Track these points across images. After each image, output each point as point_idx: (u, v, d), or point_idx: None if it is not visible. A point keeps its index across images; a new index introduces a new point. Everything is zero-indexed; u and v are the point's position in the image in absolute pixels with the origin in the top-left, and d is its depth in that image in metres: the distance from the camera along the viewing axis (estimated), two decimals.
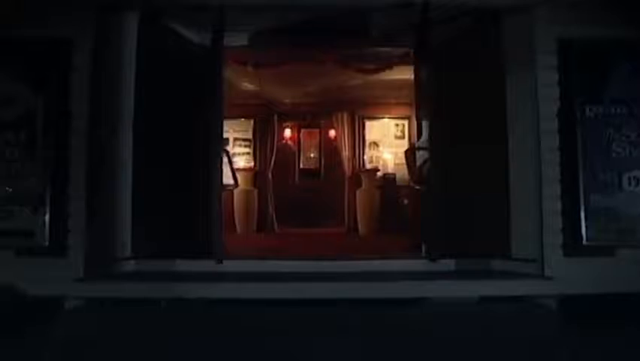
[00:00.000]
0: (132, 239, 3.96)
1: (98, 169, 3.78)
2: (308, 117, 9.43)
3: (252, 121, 9.18)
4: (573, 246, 3.67)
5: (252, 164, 9.10)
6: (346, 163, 9.00)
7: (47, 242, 3.60)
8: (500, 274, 3.86)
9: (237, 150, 9.09)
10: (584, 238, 3.68)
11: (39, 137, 3.68)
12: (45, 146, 3.67)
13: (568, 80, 3.77)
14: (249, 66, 6.06)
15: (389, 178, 8.76)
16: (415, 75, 4.53)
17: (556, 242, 3.67)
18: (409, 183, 5.65)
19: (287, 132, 9.39)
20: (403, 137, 9.14)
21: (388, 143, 9.21)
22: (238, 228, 8.15)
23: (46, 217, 3.61)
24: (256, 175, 8.78)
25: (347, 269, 4.01)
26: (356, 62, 6.11)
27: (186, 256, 4.01)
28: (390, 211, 7.98)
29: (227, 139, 8.34)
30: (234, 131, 9.07)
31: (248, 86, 7.57)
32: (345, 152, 9.02)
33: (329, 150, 9.38)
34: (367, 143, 9.22)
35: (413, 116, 5.74)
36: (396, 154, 8.86)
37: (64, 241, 3.59)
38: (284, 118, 9.21)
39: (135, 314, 3.37)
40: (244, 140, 9.18)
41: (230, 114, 6.50)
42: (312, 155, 9.52)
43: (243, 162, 9.02)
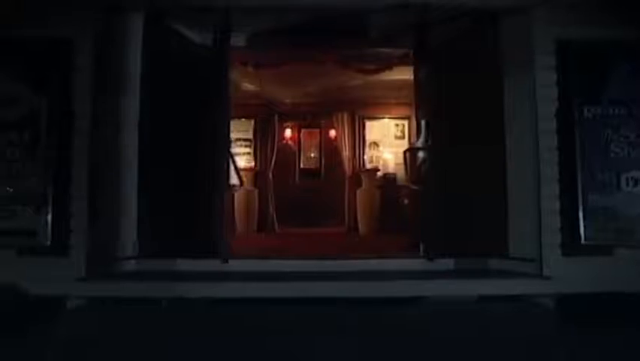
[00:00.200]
0: (138, 238, 3.99)
1: (101, 169, 3.81)
2: (308, 117, 9.44)
3: (253, 121, 9.18)
4: (571, 245, 3.69)
5: (253, 164, 9.11)
6: (346, 163, 9.01)
7: (49, 242, 3.62)
8: (499, 273, 3.88)
9: (238, 150, 9.08)
10: (582, 238, 3.70)
11: (42, 137, 3.70)
12: (48, 146, 3.70)
13: (566, 81, 3.79)
14: (250, 66, 6.07)
15: (389, 178, 8.77)
16: (415, 76, 4.54)
17: (554, 242, 3.69)
18: (405, 182, 5.69)
19: (287, 132, 9.41)
20: (403, 137, 9.15)
21: (388, 143, 9.23)
22: (239, 228, 8.16)
23: (48, 217, 3.63)
24: (257, 175, 8.80)
25: (348, 268, 4.04)
26: (356, 63, 6.12)
27: (189, 256, 4.03)
28: (390, 211, 7.99)
29: (231, 139, 8.34)
30: (235, 131, 9.05)
31: (248, 87, 7.58)
32: (345, 152, 9.03)
33: (329, 150, 9.39)
34: (367, 143, 9.24)
35: (413, 116, 5.74)
36: (396, 154, 8.87)
37: (66, 241, 3.62)
38: (284, 118, 9.21)
39: (137, 314, 3.40)
40: (244, 140, 9.19)
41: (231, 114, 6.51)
42: (313, 155, 9.53)
43: (244, 162, 9.02)
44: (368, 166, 9.05)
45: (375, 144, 9.27)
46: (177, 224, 4.15)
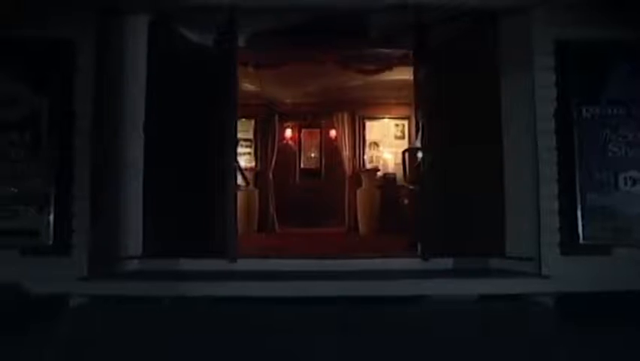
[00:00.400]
0: (143, 238, 4.02)
1: (103, 169, 3.83)
2: (308, 117, 9.46)
3: (253, 121, 9.21)
4: (570, 245, 3.71)
5: (253, 164, 9.13)
6: (347, 163, 9.03)
7: (52, 241, 3.65)
8: (498, 272, 3.90)
9: (239, 150, 9.09)
10: (581, 237, 3.72)
11: (43, 137, 3.72)
12: (49, 146, 3.72)
13: (565, 81, 3.81)
14: (250, 67, 6.09)
15: (389, 178, 8.79)
16: (414, 76, 4.55)
17: (553, 241, 3.71)
18: (403, 182, 5.68)
19: (288, 132, 9.43)
20: (403, 137, 9.17)
21: (388, 143, 9.25)
22: (239, 227, 8.16)
23: (50, 217, 3.66)
24: (257, 175, 8.82)
25: (348, 268, 4.06)
26: (356, 63, 6.14)
27: (193, 255, 4.05)
28: (390, 211, 8.01)
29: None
30: None
31: (249, 87, 7.60)
32: (345, 152, 9.05)
33: (329, 150, 9.41)
34: (367, 143, 9.26)
35: (413, 116, 5.76)
36: (396, 154, 8.88)
37: (68, 241, 3.64)
38: (285, 118, 9.23)
39: (139, 313, 3.41)
40: (245, 140, 9.19)
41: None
42: (313, 155, 9.56)
43: (244, 162, 9.04)
44: (368, 166, 9.08)
45: (375, 144, 9.29)
46: (183, 223, 4.15)
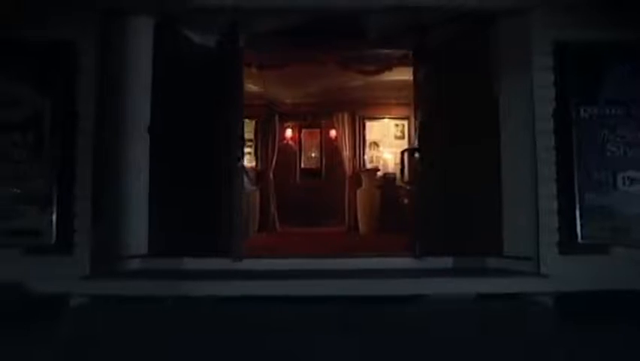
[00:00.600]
0: (149, 237, 4.06)
1: (106, 169, 3.86)
2: (309, 117, 9.48)
3: (254, 121, 9.22)
4: (568, 244, 3.73)
5: (254, 164, 9.15)
6: (347, 163, 9.05)
7: (54, 241, 3.68)
8: (497, 271, 3.92)
9: None
10: (579, 237, 3.75)
11: (46, 138, 3.76)
12: (52, 146, 3.75)
13: (563, 82, 3.83)
14: (253, 67, 6.10)
15: (389, 178, 8.79)
16: (414, 76, 4.56)
17: (551, 240, 3.74)
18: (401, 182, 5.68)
19: (288, 132, 9.44)
20: (403, 137, 9.19)
21: (388, 143, 9.27)
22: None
23: (53, 216, 3.69)
24: (258, 175, 8.84)
25: (348, 267, 4.08)
26: (356, 64, 6.16)
27: (197, 255, 4.07)
28: (390, 210, 8.02)
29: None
30: None
31: (250, 87, 7.61)
32: (345, 152, 9.07)
33: (330, 150, 9.43)
34: (368, 143, 9.28)
35: (413, 116, 5.78)
36: (396, 154, 8.88)
37: (70, 240, 3.68)
38: (285, 118, 9.24)
39: (141, 312, 3.43)
40: (246, 140, 9.20)
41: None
42: (313, 155, 9.58)
43: (245, 162, 9.05)
44: (368, 166, 9.09)
45: (375, 144, 9.31)
46: (189, 223, 4.18)
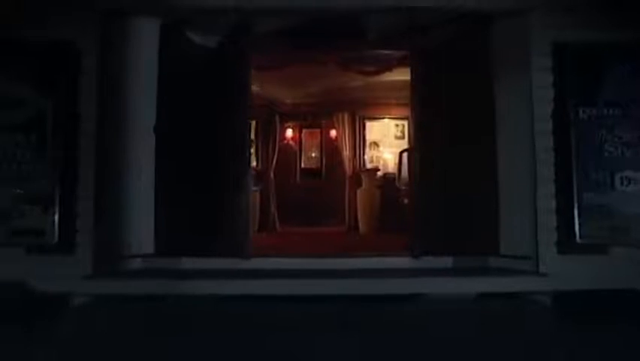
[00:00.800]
0: (155, 236, 4.10)
1: (107, 169, 3.89)
2: (309, 118, 9.49)
3: (254, 121, 9.22)
4: (567, 243, 3.76)
5: (255, 164, 9.17)
6: (347, 163, 9.06)
7: (57, 240, 3.72)
8: (496, 271, 3.95)
9: None
10: (578, 236, 3.78)
11: (48, 138, 3.79)
12: (54, 147, 3.78)
13: (562, 82, 3.86)
14: (254, 68, 6.11)
15: (389, 178, 8.80)
16: (411, 77, 4.56)
17: (550, 240, 3.77)
18: (396, 182, 5.66)
19: (288, 132, 9.45)
20: (403, 137, 9.18)
21: (388, 143, 9.28)
22: None
23: (55, 216, 3.73)
24: (258, 175, 8.85)
25: (348, 266, 4.11)
26: (356, 64, 6.16)
27: (203, 254, 4.09)
28: (390, 210, 8.02)
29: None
30: None
31: (252, 88, 7.62)
32: (345, 152, 9.08)
33: (330, 150, 9.44)
34: (368, 143, 9.29)
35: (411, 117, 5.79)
36: (396, 154, 8.88)
37: (72, 240, 3.71)
38: (285, 118, 9.25)
39: (142, 311, 3.46)
40: None
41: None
42: (314, 155, 9.59)
43: None
44: (368, 166, 9.10)
45: (375, 144, 9.32)
46: (196, 223, 4.21)
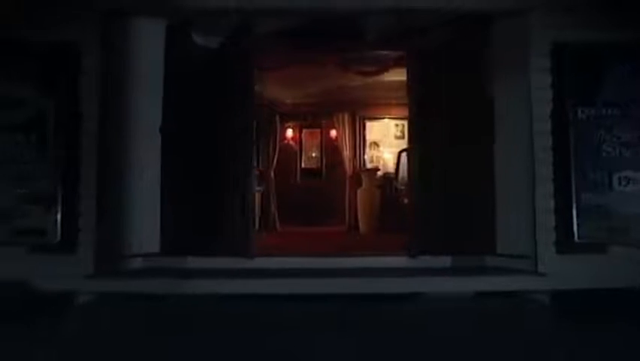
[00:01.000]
0: (161, 236, 4.12)
1: (108, 169, 3.91)
2: (309, 118, 9.51)
3: (255, 121, 9.22)
4: (565, 243, 3.78)
5: (255, 163, 9.17)
6: (347, 163, 9.07)
7: (59, 239, 3.74)
8: (495, 270, 3.97)
9: None
10: (576, 236, 3.79)
11: (50, 138, 3.81)
12: (56, 146, 3.80)
13: (561, 83, 3.87)
14: (255, 69, 6.12)
15: (389, 178, 8.83)
16: (407, 77, 4.57)
17: (549, 239, 3.78)
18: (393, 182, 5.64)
19: (289, 132, 9.47)
20: (403, 137, 9.17)
21: (388, 143, 9.29)
22: None
23: (57, 216, 3.75)
24: (259, 175, 8.87)
25: (347, 266, 4.13)
26: (356, 65, 6.18)
27: (203, 253, 4.11)
28: (390, 210, 8.04)
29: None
30: None
31: None
32: (345, 152, 9.09)
33: (330, 150, 9.46)
34: (368, 143, 9.31)
35: None
36: (396, 154, 8.93)
37: (75, 239, 3.73)
38: (286, 118, 9.27)
39: (143, 310, 3.47)
40: None
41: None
42: (314, 155, 9.61)
43: None
44: (368, 166, 9.12)
45: (375, 144, 9.34)
46: (200, 222, 4.23)
